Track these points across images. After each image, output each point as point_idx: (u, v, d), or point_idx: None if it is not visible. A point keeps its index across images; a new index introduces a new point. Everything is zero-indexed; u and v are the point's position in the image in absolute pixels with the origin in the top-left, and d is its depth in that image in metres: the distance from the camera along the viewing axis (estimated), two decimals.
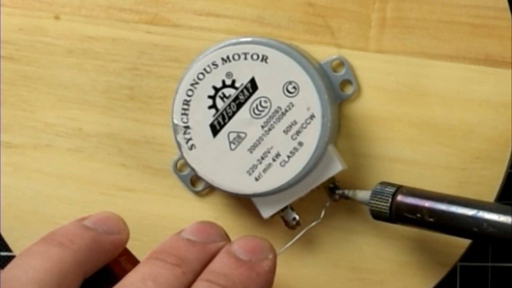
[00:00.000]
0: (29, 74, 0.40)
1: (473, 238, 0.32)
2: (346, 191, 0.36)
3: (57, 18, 0.39)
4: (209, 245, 0.32)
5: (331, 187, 0.37)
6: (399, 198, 0.34)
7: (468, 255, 0.37)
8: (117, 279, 0.31)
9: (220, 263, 0.31)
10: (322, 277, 0.38)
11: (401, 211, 0.34)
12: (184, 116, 0.36)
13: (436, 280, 0.37)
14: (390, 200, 0.34)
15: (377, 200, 0.34)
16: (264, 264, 0.32)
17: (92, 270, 0.31)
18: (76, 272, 0.30)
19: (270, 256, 0.32)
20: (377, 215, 0.34)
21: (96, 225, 0.33)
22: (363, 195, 0.35)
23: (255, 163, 0.36)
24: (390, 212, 0.34)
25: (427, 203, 0.33)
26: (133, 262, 0.33)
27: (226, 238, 0.33)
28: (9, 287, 0.29)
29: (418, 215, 0.33)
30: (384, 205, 0.34)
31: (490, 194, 0.36)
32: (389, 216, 0.34)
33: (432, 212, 0.33)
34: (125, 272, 0.32)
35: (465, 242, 0.36)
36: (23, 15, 0.39)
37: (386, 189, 0.34)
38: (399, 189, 0.34)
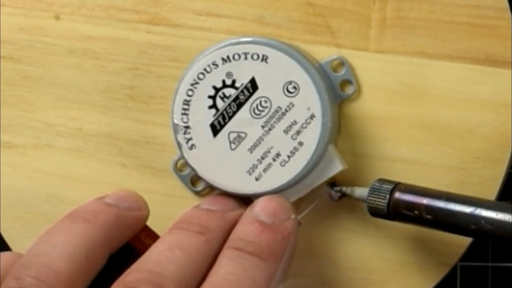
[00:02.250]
0: (29, 74, 0.40)
1: (470, 235, 0.32)
2: (344, 188, 0.36)
3: (57, 18, 0.39)
4: (228, 213, 0.33)
5: (330, 183, 0.37)
6: (397, 195, 0.34)
7: (468, 255, 0.37)
8: (139, 254, 0.31)
9: (244, 229, 0.32)
10: (322, 277, 0.38)
11: (398, 208, 0.34)
12: (184, 116, 0.36)
13: (436, 280, 0.37)
14: (387, 196, 0.34)
15: (374, 197, 0.34)
16: (288, 225, 0.32)
17: (118, 245, 0.31)
18: (103, 247, 0.30)
19: (292, 216, 0.33)
20: (375, 212, 0.34)
21: (117, 202, 0.33)
22: (361, 192, 0.35)
23: (255, 163, 0.36)
24: (388, 209, 0.34)
25: (425, 200, 0.33)
26: (153, 236, 0.33)
27: (244, 207, 0.34)
28: (39, 262, 0.29)
29: (416, 212, 0.33)
30: (381, 202, 0.34)
31: (490, 194, 0.36)
32: (386, 213, 0.34)
33: (429, 209, 0.33)
34: (146, 246, 0.32)
35: (465, 242, 0.36)
36: (23, 15, 0.39)
37: (384, 185, 0.34)
38: (397, 186, 0.34)
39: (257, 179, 0.36)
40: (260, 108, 0.35)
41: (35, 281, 0.28)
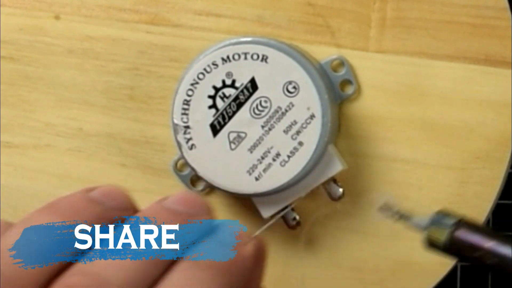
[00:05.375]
0: (29, 74, 0.40)
1: None
2: (400, 213, 0.33)
3: (57, 18, 0.39)
4: (193, 217, 0.31)
5: (383, 208, 0.35)
6: (459, 233, 0.32)
7: None
8: None
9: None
10: (322, 277, 0.38)
11: (459, 247, 0.31)
12: (184, 116, 0.36)
13: (436, 280, 0.37)
14: (449, 233, 0.32)
15: (434, 230, 0.32)
16: (248, 247, 0.31)
17: None
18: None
19: (251, 242, 0.32)
20: (432, 245, 0.32)
21: (104, 199, 0.31)
22: (419, 220, 0.33)
23: (255, 163, 0.36)
24: (447, 245, 0.32)
25: (489, 244, 0.31)
26: None
27: (211, 213, 0.32)
28: (5, 256, 0.28)
29: (478, 254, 0.31)
30: (441, 237, 0.32)
31: (490, 194, 0.36)
32: (445, 249, 0.32)
33: (493, 254, 0.31)
34: None
35: None
36: (23, 15, 0.39)
37: (446, 220, 0.32)
38: (459, 222, 0.32)
39: (257, 179, 0.36)
40: (260, 108, 0.35)
41: None
